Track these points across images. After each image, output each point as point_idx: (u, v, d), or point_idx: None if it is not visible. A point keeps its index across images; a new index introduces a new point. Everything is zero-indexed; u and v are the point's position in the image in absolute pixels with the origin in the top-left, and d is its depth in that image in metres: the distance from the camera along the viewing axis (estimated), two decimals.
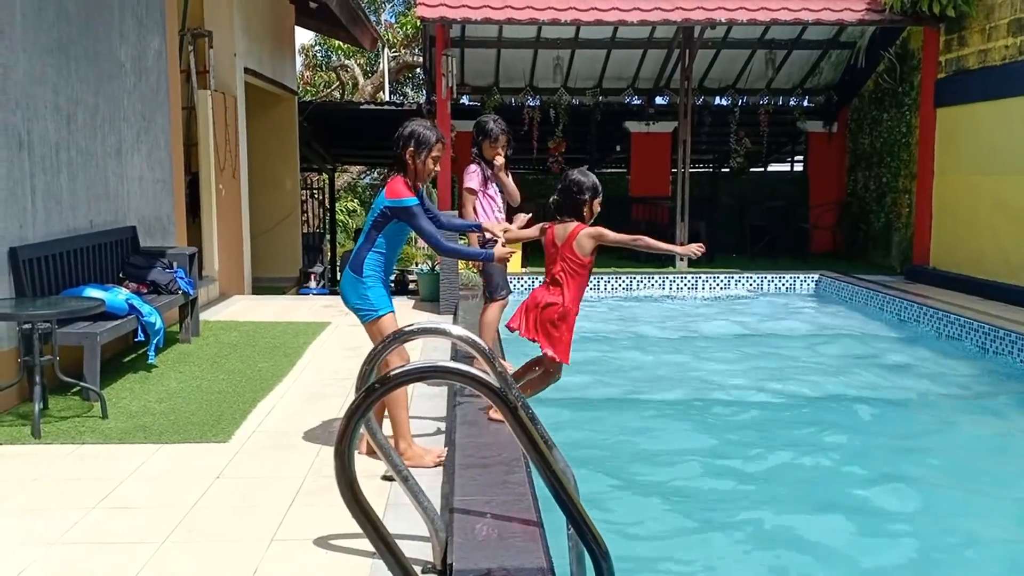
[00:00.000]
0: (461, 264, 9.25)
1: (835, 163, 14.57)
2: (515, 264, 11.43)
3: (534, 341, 4.43)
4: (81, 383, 5.21)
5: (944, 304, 8.93)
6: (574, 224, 4.39)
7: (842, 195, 14.40)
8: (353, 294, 4.34)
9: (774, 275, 11.57)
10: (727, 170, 15.50)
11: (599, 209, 4.47)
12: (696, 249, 4.36)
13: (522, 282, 10.95)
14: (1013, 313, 8.36)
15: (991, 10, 9.81)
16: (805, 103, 15.31)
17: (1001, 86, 9.53)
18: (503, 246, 4.62)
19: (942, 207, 10.87)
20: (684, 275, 11.44)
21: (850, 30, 13.27)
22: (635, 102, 15.57)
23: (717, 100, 15.42)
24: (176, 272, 6.92)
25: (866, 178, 13.63)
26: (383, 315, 4.30)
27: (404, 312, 9.10)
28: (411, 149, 4.29)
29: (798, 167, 16.71)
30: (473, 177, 5.55)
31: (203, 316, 8.08)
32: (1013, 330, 7.52)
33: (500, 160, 5.50)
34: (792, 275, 11.62)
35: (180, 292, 6.83)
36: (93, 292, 5.71)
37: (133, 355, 6.61)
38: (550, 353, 4.37)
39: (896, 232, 12.62)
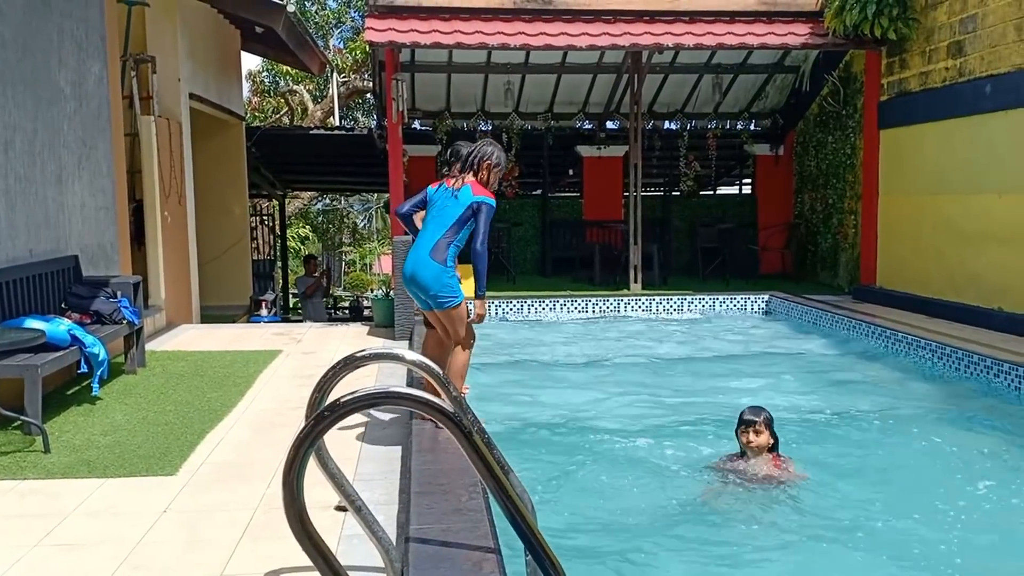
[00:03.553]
0: None
1: (782, 185, 14.82)
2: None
3: None
4: (22, 416, 5.04)
5: (891, 323, 9.09)
6: None
7: (790, 217, 14.64)
8: (437, 283, 4.93)
9: (726, 296, 11.69)
10: (678, 193, 15.68)
11: None
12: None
13: None
14: (959, 331, 8.53)
15: (931, 33, 10.09)
16: (752, 127, 15.59)
17: (942, 107, 9.78)
18: None
19: (887, 227, 11.10)
20: (638, 298, 11.49)
21: (794, 54, 13.56)
22: (586, 126, 15.71)
23: (666, 124, 15.62)
24: (120, 301, 6.75)
25: (813, 199, 13.88)
26: (462, 300, 4.92)
27: (359, 338, 9.01)
28: (488, 162, 5.08)
29: (746, 190, 16.97)
30: None
31: (149, 346, 7.90)
32: (960, 347, 7.66)
33: None
34: (743, 296, 11.75)
35: (124, 322, 6.67)
36: (34, 323, 5.55)
37: (76, 387, 6.42)
38: None
39: (843, 252, 12.85)
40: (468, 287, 5.63)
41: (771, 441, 4.86)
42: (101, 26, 7.70)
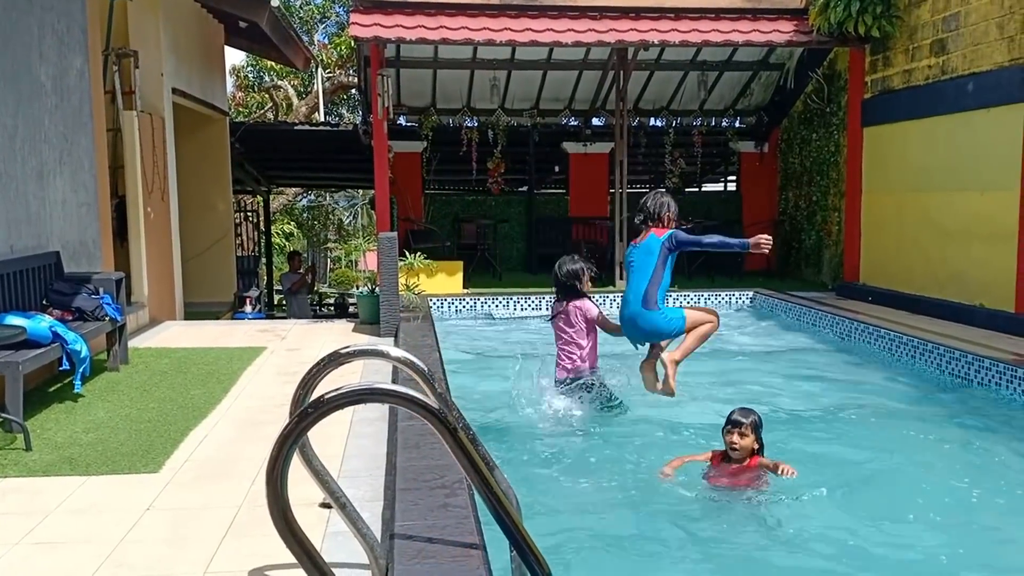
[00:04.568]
0: (402, 286, 9.17)
1: (767, 182, 14.88)
2: (456, 285, 11.39)
3: None
4: (3, 414, 4.99)
5: (874, 319, 9.15)
6: None
7: (774, 214, 14.70)
8: (664, 326, 5.63)
9: (711, 293, 11.73)
10: (663, 190, 15.70)
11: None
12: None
13: (463, 303, 10.90)
14: (941, 327, 8.59)
15: (914, 31, 10.14)
16: (737, 124, 15.65)
17: (925, 105, 9.84)
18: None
19: (870, 224, 11.16)
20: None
21: (779, 52, 13.61)
22: (572, 123, 15.72)
23: (652, 121, 15.65)
24: (102, 298, 6.70)
25: (797, 197, 13.94)
26: (685, 318, 5.58)
27: (344, 335, 8.98)
28: (668, 214, 5.98)
29: (731, 187, 17.03)
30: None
31: (132, 343, 7.84)
32: (941, 343, 7.72)
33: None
34: (728, 293, 11.79)
35: (107, 318, 6.61)
36: (14, 320, 5.49)
37: (58, 384, 6.37)
38: None
39: (827, 249, 12.91)
40: (455, 282, 5.78)
41: (756, 445, 4.77)
42: (83, 20, 7.63)
